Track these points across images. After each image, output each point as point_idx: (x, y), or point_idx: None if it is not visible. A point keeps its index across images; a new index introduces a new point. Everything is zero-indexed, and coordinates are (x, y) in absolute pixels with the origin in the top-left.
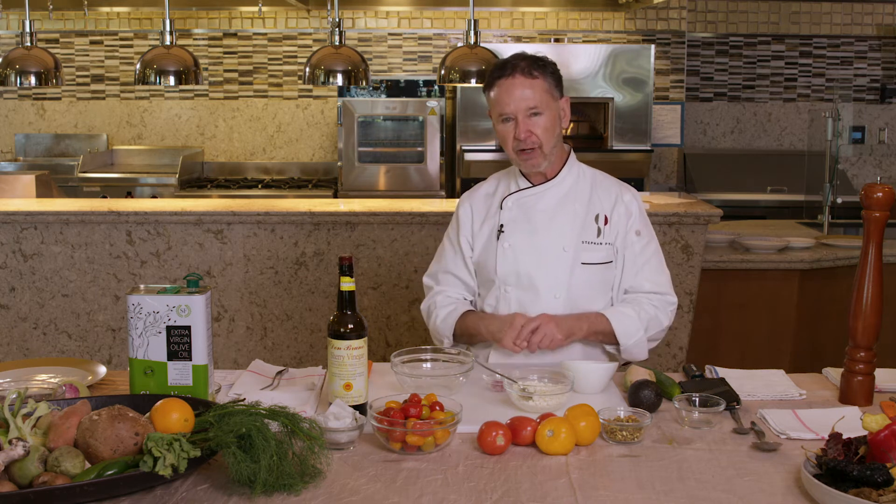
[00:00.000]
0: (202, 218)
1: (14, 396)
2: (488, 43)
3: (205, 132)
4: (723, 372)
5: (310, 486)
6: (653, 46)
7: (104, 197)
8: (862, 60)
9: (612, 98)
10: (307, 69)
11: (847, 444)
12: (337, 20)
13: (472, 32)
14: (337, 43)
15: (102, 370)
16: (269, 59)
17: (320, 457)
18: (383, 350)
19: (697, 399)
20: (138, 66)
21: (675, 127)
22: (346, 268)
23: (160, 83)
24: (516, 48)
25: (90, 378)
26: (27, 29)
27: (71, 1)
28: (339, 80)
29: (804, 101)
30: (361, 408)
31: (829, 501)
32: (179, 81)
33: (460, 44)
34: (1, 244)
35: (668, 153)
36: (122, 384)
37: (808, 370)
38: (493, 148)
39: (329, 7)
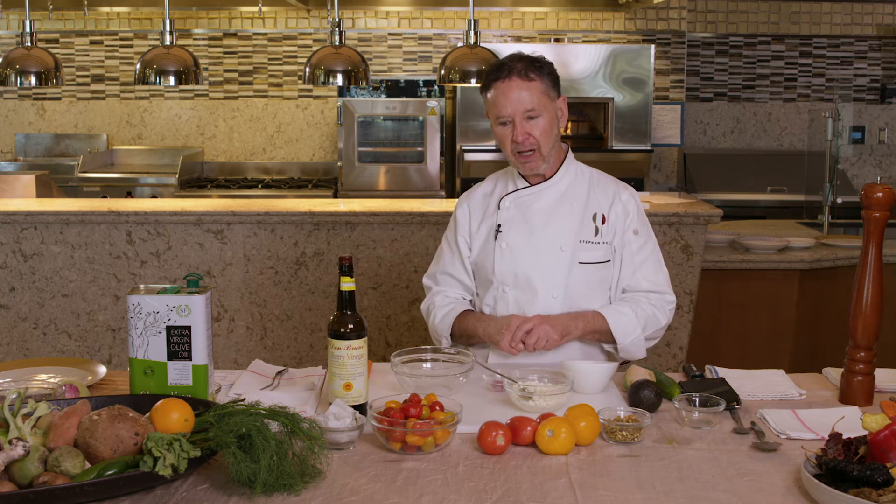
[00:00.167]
0: (202, 218)
1: (14, 396)
2: (488, 43)
3: (205, 132)
4: (723, 372)
5: (310, 486)
6: (653, 46)
7: (104, 197)
8: (862, 60)
9: (612, 98)
10: (307, 69)
11: (847, 444)
12: (337, 20)
13: (472, 32)
14: (337, 43)
15: (102, 370)
16: (269, 59)
17: (320, 457)
18: (383, 350)
19: (697, 399)
20: (138, 66)
21: (675, 127)
22: (346, 268)
23: (160, 83)
24: (516, 48)
25: (90, 378)
26: (27, 29)
27: (71, 1)
28: (339, 80)
29: (804, 101)
30: (361, 408)
31: (829, 501)
32: (179, 81)
33: (460, 44)
34: (1, 244)
35: (668, 153)
36: (122, 384)
37: (808, 370)
38: (493, 148)
39: (329, 7)
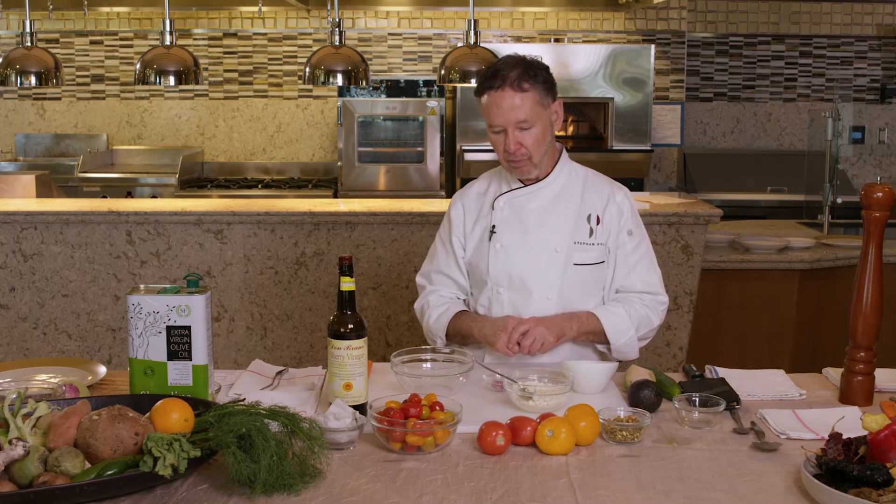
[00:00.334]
0: (202, 218)
1: (14, 396)
2: (488, 43)
3: (205, 132)
4: (723, 372)
5: (310, 486)
6: (653, 46)
7: (104, 197)
8: (862, 60)
9: (612, 98)
10: (307, 69)
11: (847, 444)
12: (337, 20)
13: (472, 32)
14: (337, 43)
15: (102, 370)
16: (269, 59)
17: (320, 457)
18: (383, 350)
19: (697, 399)
20: (138, 66)
21: (675, 127)
22: (346, 268)
23: (160, 83)
24: (516, 48)
25: (90, 378)
26: (27, 29)
27: (71, 1)
28: (339, 80)
29: (804, 101)
30: (361, 408)
31: (829, 501)
32: (179, 81)
33: (460, 44)
34: (1, 244)
35: (668, 153)
36: (122, 384)
37: (808, 370)
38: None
39: (329, 7)
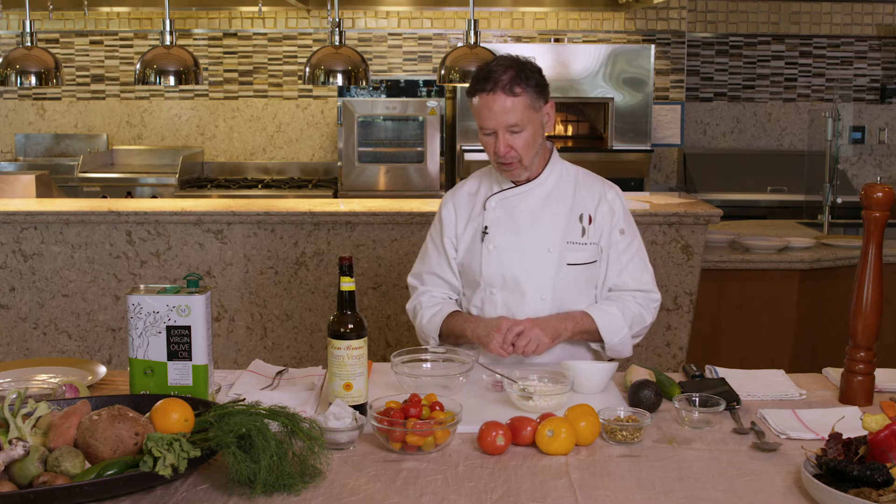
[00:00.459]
0: (202, 218)
1: (14, 396)
2: (488, 43)
3: (205, 132)
4: (723, 372)
5: (310, 486)
6: (653, 46)
7: (104, 197)
8: (862, 60)
9: (612, 98)
10: (307, 69)
11: (847, 444)
12: (337, 20)
13: (472, 32)
14: (337, 43)
15: (102, 370)
16: (269, 59)
17: (320, 457)
18: (383, 350)
19: (697, 399)
20: (138, 66)
21: (675, 127)
22: (346, 268)
23: (160, 83)
24: (516, 48)
25: (90, 378)
26: (27, 29)
27: (71, 1)
28: (339, 80)
29: (804, 101)
30: (361, 408)
31: (829, 501)
32: (179, 81)
33: (460, 44)
34: (1, 244)
35: (668, 153)
36: (122, 384)
37: (808, 370)
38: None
39: (329, 7)
